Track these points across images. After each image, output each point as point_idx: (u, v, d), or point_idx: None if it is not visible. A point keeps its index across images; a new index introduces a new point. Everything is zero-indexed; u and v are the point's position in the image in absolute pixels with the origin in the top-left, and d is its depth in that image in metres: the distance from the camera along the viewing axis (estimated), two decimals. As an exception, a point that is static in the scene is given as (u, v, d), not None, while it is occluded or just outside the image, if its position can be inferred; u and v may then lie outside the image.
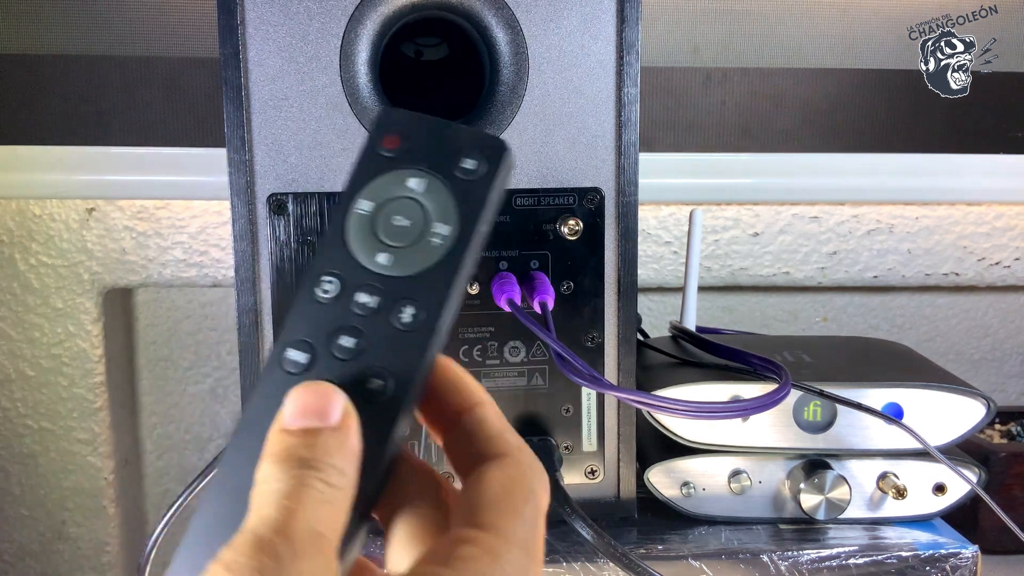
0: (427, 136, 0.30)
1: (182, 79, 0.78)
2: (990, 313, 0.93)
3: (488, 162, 0.30)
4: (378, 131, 0.30)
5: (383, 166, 0.30)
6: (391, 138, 0.30)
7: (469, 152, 0.30)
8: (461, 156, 0.30)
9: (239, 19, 0.50)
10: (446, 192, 0.29)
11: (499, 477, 0.27)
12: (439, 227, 0.29)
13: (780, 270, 0.85)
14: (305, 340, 0.28)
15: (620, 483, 0.56)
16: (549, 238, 0.53)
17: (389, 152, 0.30)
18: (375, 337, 0.28)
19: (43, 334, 0.81)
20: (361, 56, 0.51)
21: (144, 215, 0.79)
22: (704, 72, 0.81)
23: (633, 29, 0.52)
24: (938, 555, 0.52)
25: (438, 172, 0.29)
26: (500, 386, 0.55)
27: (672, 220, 0.83)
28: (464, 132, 0.30)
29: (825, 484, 0.54)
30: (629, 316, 0.54)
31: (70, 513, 0.84)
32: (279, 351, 0.28)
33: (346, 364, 0.28)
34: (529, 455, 0.28)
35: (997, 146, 0.83)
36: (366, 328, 0.28)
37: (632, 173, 0.53)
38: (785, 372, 0.51)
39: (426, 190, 0.29)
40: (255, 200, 0.51)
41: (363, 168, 0.30)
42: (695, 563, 0.52)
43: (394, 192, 0.29)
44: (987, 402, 0.55)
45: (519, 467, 0.27)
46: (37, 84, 0.77)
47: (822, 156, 0.82)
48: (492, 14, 0.51)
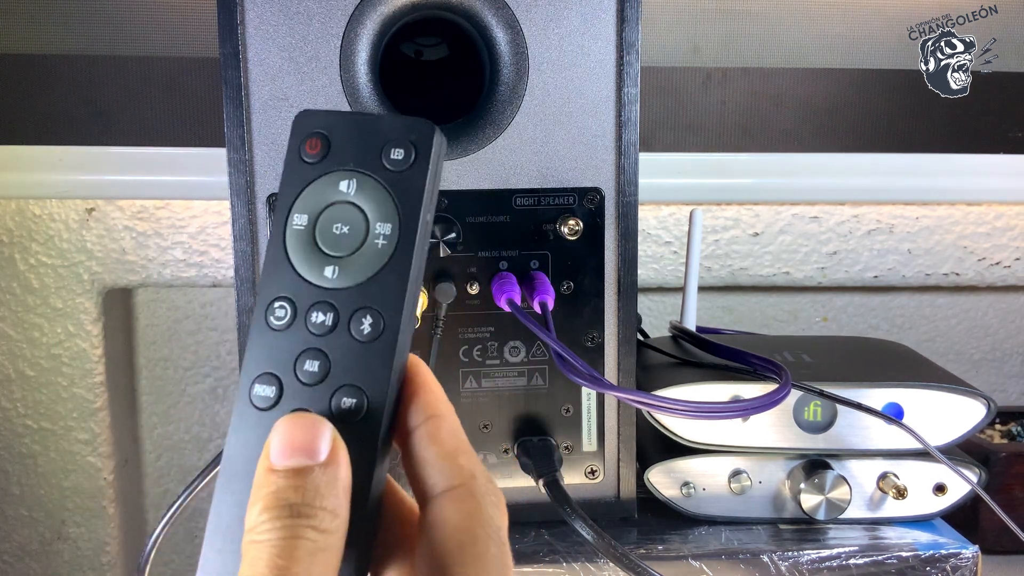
0: (348, 133, 0.28)
1: (182, 79, 0.78)
2: (990, 313, 0.93)
3: (416, 148, 0.28)
4: (297, 136, 0.29)
5: (309, 174, 0.28)
6: (312, 141, 0.28)
7: (395, 142, 0.28)
8: (388, 147, 0.28)
9: (239, 19, 0.50)
10: (380, 189, 0.28)
11: (454, 518, 0.26)
12: (380, 227, 0.28)
13: (780, 270, 0.85)
14: (269, 372, 0.27)
15: (620, 483, 0.56)
16: (549, 238, 0.53)
17: (312, 158, 0.28)
18: (339, 355, 0.27)
19: (43, 334, 0.81)
20: (361, 56, 0.51)
21: (144, 215, 0.79)
22: (704, 72, 0.81)
23: (633, 29, 0.52)
24: (938, 555, 0.52)
25: (367, 169, 0.28)
26: (500, 386, 0.54)
27: (672, 220, 0.83)
28: (386, 120, 0.29)
29: (825, 484, 0.54)
30: (629, 316, 0.54)
31: (70, 513, 0.84)
32: (246, 387, 0.27)
33: (315, 389, 0.27)
34: (482, 480, 0.27)
35: (997, 146, 0.83)
36: (327, 347, 0.27)
37: (632, 173, 0.53)
38: (785, 372, 0.51)
39: (358, 190, 0.28)
40: (255, 200, 0.51)
41: (290, 179, 0.28)
42: (695, 563, 0.52)
43: (327, 199, 0.28)
44: (987, 402, 0.55)
45: (474, 499, 0.26)
46: (37, 84, 0.77)
47: (822, 156, 0.82)
48: (492, 14, 0.51)
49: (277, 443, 0.25)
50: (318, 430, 0.25)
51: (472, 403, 0.55)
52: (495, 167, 0.52)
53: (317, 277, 0.27)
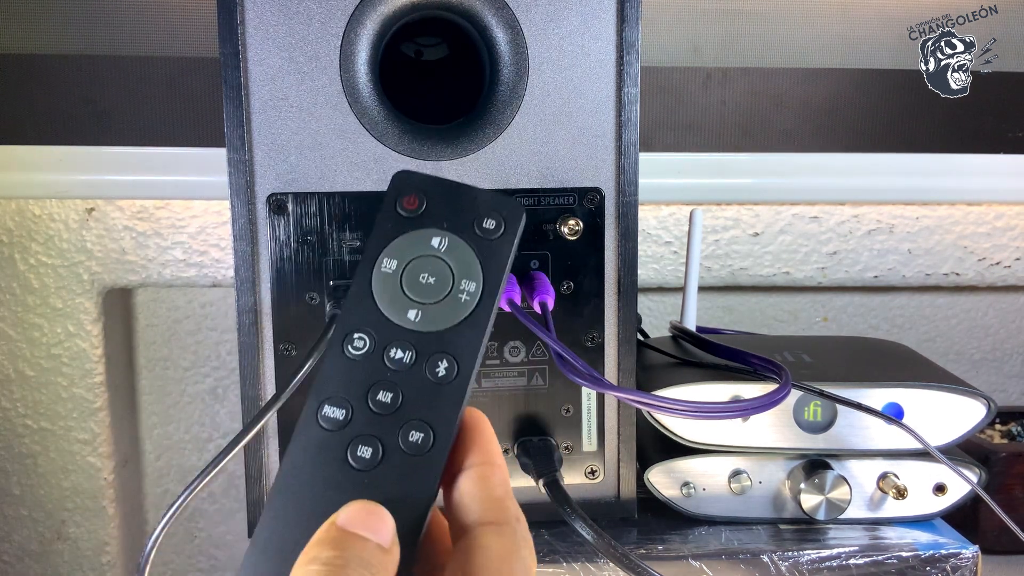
0: (445, 197, 0.31)
1: (182, 79, 0.78)
2: (990, 313, 0.93)
3: (506, 223, 0.31)
4: (395, 192, 0.31)
5: (404, 226, 0.31)
6: (410, 199, 0.31)
7: (488, 213, 0.31)
8: (480, 216, 0.31)
9: (239, 19, 0.50)
10: (468, 250, 0.31)
11: (497, 547, 0.27)
12: (465, 284, 0.30)
13: (780, 270, 0.85)
14: (341, 396, 0.29)
15: (620, 483, 0.56)
16: (549, 238, 0.53)
17: (408, 212, 0.31)
18: (412, 391, 0.29)
19: (43, 334, 0.81)
20: (361, 56, 0.51)
21: (144, 215, 0.79)
22: (704, 72, 0.81)
23: (633, 29, 0.52)
24: (938, 555, 0.52)
25: (459, 232, 0.31)
26: (500, 386, 0.54)
27: (672, 220, 0.83)
28: (481, 194, 0.31)
29: (825, 484, 0.54)
30: (629, 316, 0.54)
31: (70, 513, 0.84)
32: (314, 407, 0.29)
33: (386, 419, 0.29)
34: (525, 528, 0.28)
35: (997, 146, 0.83)
36: (401, 382, 0.29)
37: (632, 173, 0.53)
38: (785, 372, 0.51)
39: (448, 248, 0.30)
40: (255, 200, 0.51)
41: (384, 227, 0.31)
42: (695, 563, 0.52)
43: (418, 251, 0.30)
44: (987, 402, 0.55)
45: (515, 538, 0.28)
46: (37, 84, 0.77)
47: (822, 156, 0.82)
48: (492, 14, 0.51)
49: (349, 512, 0.27)
50: (386, 521, 0.27)
51: (472, 403, 0.54)
52: (495, 167, 0.52)
53: (400, 318, 0.30)
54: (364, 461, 0.28)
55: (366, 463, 0.28)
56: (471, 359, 0.29)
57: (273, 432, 0.53)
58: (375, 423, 0.29)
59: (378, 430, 0.29)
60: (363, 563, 0.25)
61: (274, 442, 0.54)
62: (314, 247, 0.52)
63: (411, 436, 0.28)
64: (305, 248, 0.52)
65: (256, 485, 0.54)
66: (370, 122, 0.51)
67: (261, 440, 0.53)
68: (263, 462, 0.54)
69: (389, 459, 0.28)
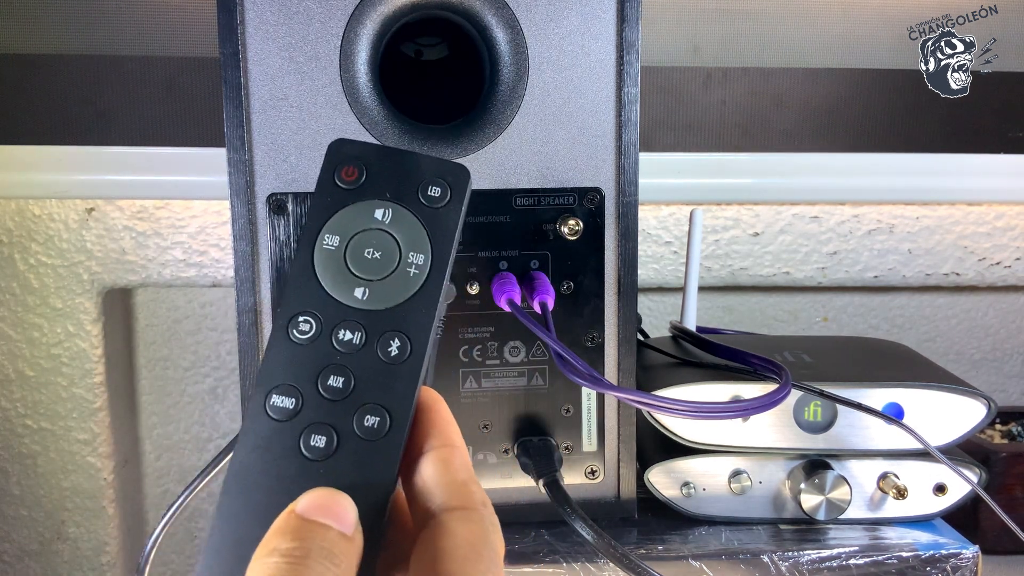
0: (386, 165, 0.30)
1: (182, 79, 0.78)
2: (990, 313, 0.93)
3: (451, 188, 0.29)
4: (333, 163, 0.29)
5: (344, 198, 0.29)
6: (349, 169, 0.29)
7: (432, 179, 0.29)
8: (425, 183, 0.29)
9: (239, 19, 0.50)
10: (414, 221, 0.29)
11: (464, 532, 0.26)
12: (413, 256, 0.29)
13: (780, 270, 0.85)
14: (289, 384, 0.27)
15: (620, 483, 0.56)
16: (549, 238, 0.53)
17: (348, 184, 0.29)
18: (364, 373, 0.27)
19: (43, 334, 0.81)
20: (361, 56, 0.51)
21: (144, 215, 0.79)
22: (704, 72, 0.81)
23: (633, 29, 0.51)
24: (939, 555, 0.52)
25: (403, 201, 0.29)
26: (500, 386, 0.54)
27: (672, 220, 0.83)
28: (423, 160, 0.30)
29: (825, 484, 0.54)
30: (629, 316, 0.54)
31: (69, 513, 0.84)
32: (262, 397, 0.27)
33: (338, 404, 0.27)
34: (492, 512, 0.27)
35: (997, 146, 0.83)
36: (352, 365, 0.27)
37: (632, 173, 0.53)
38: (785, 372, 0.51)
39: (393, 220, 0.29)
40: (255, 200, 0.51)
41: (323, 201, 0.29)
42: (695, 563, 0.52)
43: (361, 224, 0.29)
44: (988, 402, 0.55)
45: (482, 523, 0.26)
46: (37, 84, 0.77)
47: (822, 156, 0.82)
48: (492, 14, 0.51)
49: (308, 499, 0.25)
50: (349, 505, 0.26)
51: (472, 403, 0.55)
52: (495, 167, 0.52)
53: (346, 297, 0.28)
54: (318, 451, 0.27)
55: (321, 452, 0.27)
56: (424, 335, 0.28)
57: (273, 432, 0.53)
58: (327, 410, 0.27)
59: (331, 417, 0.27)
60: (325, 552, 0.24)
61: (274, 442, 0.53)
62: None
63: (366, 421, 0.27)
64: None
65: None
66: (370, 122, 0.51)
67: (261, 440, 0.53)
68: (263, 462, 0.54)
69: (345, 446, 0.27)
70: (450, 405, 0.54)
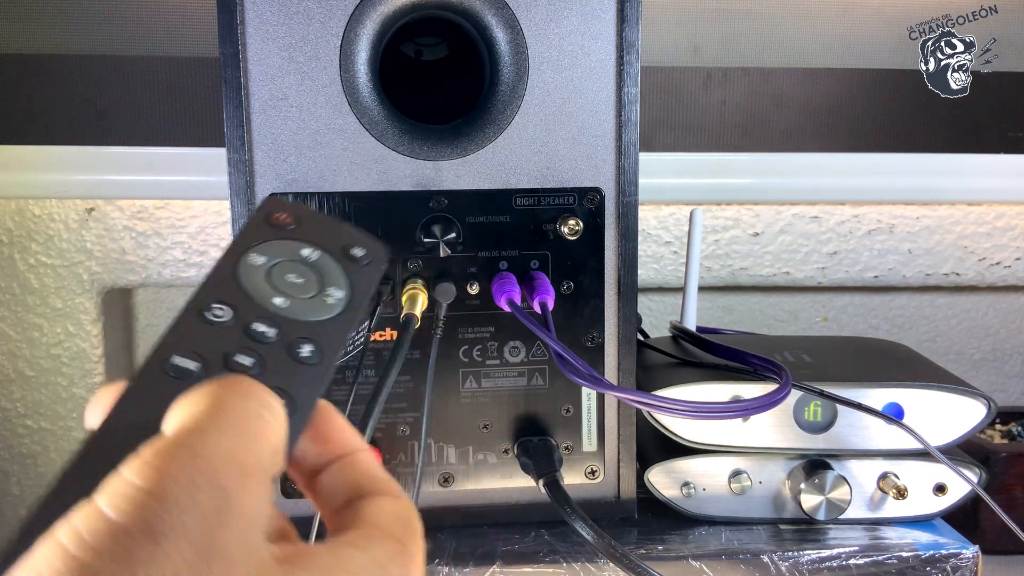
0: (317, 223, 0.30)
1: (182, 79, 0.78)
2: (990, 313, 0.93)
3: (372, 258, 0.30)
4: (265, 210, 0.30)
5: (274, 234, 0.30)
6: (283, 215, 0.30)
7: (357, 243, 0.30)
8: (350, 244, 0.30)
9: (239, 19, 0.50)
10: (337, 267, 0.30)
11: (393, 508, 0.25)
12: (333, 291, 0.29)
13: (780, 270, 0.85)
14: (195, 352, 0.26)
15: (620, 483, 0.56)
16: (549, 238, 0.53)
17: (279, 225, 0.30)
18: (274, 362, 0.27)
19: (42, 334, 0.81)
20: (361, 56, 0.51)
21: (144, 215, 0.79)
22: (704, 72, 0.81)
23: (633, 29, 0.51)
24: (939, 555, 0.52)
25: (328, 251, 0.30)
26: (500, 386, 0.54)
27: (672, 220, 0.83)
28: (352, 228, 0.31)
29: (825, 484, 0.54)
30: (629, 316, 0.54)
31: (70, 513, 0.84)
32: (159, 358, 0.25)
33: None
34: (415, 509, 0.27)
35: (997, 146, 0.83)
36: (263, 352, 0.27)
37: (632, 173, 0.53)
38: (785, 372, 0.51)
39: (318, 260, 0.29)
40: (255, 200, 0.51)
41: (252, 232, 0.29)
42: (695, 563, 0.52)
43: (287, 255, 0.29)
44: (987, 402, 0.55)
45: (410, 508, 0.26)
46: (37, 84, 0.77)
47: (822, 156, 0.82)
48: (492, 14, 0.51)
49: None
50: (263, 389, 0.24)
51: (472, 403, 0.55)
52: (495, 167, 0.52)
53: (266, 302, 0.28)
54: None
55: None
56: (334, 352, 0.28)
57: (273, 432, 0.53)
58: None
59: None
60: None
61: (274, 442, 0.53)
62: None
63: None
64: (305, 248, 0.52)
65: (256, 485, 0.54)
66: (370, 122, 0.51)
67: (261, 440, 0.53)
68: (263, 462, 0.54)
69: None
70: (450, 405, 0.54)
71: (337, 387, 0.53)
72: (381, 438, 0.54)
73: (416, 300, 0.50)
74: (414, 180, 0.52)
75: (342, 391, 0.53)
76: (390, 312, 0.53)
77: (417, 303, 0.50)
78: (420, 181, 0.52)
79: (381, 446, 0.54)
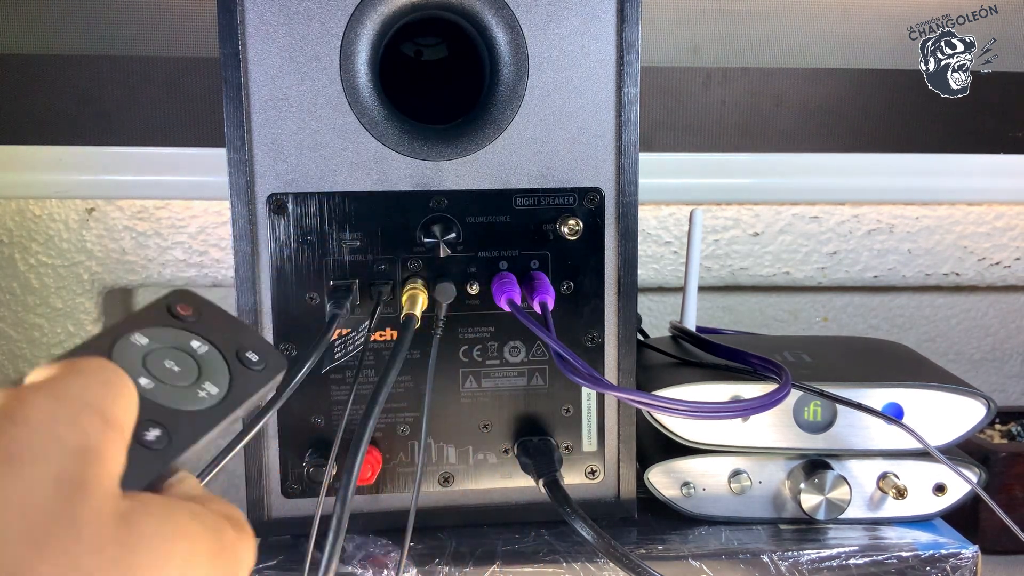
0: (219, 320, 0.31)
1: (182, 79, 0.78)
2: (990, 313, 0.93)
3: (268, 365, 0.30)
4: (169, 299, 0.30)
5: (169, 321, 0.30)
6: (184, 307, 0.30)
7: (255, 348, 0.30)
8: (246, 348, 0.30)
9: (239, 19, 0.50)
10: (224, 365, 0.30)
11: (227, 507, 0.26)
12: (209, 386, 0.29)
13: (780, 270, 0.85)
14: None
15: (620, 483, 0.56)
16: (549, 238, 0.53)
17: (179, 315, 0.30)
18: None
19: (43, 334, 0.81)
20: (361, 56, 0.51)
21: (144, 215, 0.79)
22: (704, 72, 0.81)
23: (633, 29, 0.52)
24: (938, 555, 0.52)
25: (221, 349, 0.30)
26: (500, 386, 0.54)
27: (672, 220, 0.83)
28: (253, 332, 0.31)
29: (825, 484, 0.54)
30: (629, 316, 0.54)
31: (70, 513, 0.84)
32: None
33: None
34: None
35: (997, 146, 0.83)
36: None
37: (632, 173, 0.53)
38: (785, 372, 0.51)
39: (205, 354, 0.29)
40: (255, 200, 0.51)
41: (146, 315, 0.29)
42: (695, 563, 0.52)
43: (174, 342, 0.29)
44: (987, 402, 0.55)
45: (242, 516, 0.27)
46: (37, 84, 0.77)
47: (822, 156, 0.82)
48: (492, 14, 0.51)
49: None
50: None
51: (472, 403, 0.55)
52: (495, 167, 0.52)
53: (129, 372, 0.27)
54: None
55: None
56: (187, 442, 0.27)
57: (273, 432, 0.53)
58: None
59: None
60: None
61: (274, 442, 0.54)
62: (314, 247, 0.52)
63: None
64: (305, 248, 0.52)
65: (256, 485, 0.54)
66: (370, 122, 0.51)
67: (261, 440, 0.53)
68: (263, 462, 0.54)
69: None
70: (450, 405, 0.54)
71: (337, 387, 0.53)
72: (381, 438, 0.54)
73: (416, 300, 0.50)
74: (414, 180, 0.52)
75: (342, 391, 0.53)
76: (390, 312, 0.53)
77: (417, 303, 0.50)
78: (420, 181, 0.52)
79: (381, 446, 0.54)
